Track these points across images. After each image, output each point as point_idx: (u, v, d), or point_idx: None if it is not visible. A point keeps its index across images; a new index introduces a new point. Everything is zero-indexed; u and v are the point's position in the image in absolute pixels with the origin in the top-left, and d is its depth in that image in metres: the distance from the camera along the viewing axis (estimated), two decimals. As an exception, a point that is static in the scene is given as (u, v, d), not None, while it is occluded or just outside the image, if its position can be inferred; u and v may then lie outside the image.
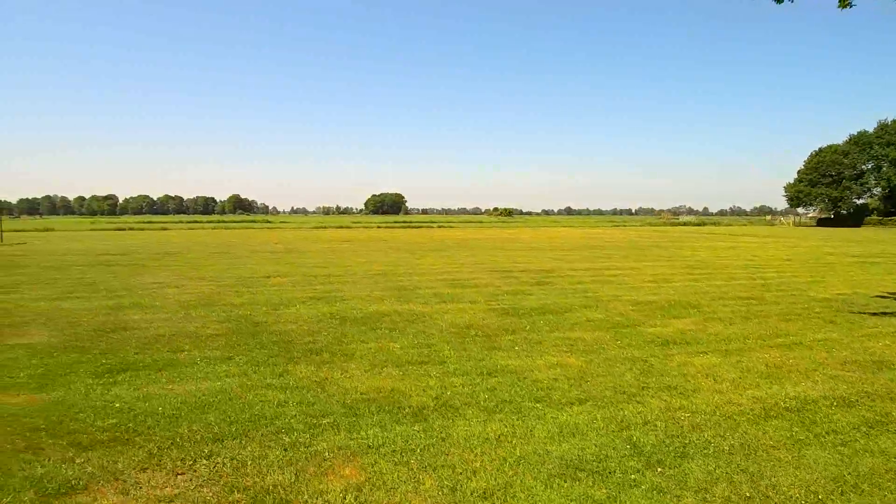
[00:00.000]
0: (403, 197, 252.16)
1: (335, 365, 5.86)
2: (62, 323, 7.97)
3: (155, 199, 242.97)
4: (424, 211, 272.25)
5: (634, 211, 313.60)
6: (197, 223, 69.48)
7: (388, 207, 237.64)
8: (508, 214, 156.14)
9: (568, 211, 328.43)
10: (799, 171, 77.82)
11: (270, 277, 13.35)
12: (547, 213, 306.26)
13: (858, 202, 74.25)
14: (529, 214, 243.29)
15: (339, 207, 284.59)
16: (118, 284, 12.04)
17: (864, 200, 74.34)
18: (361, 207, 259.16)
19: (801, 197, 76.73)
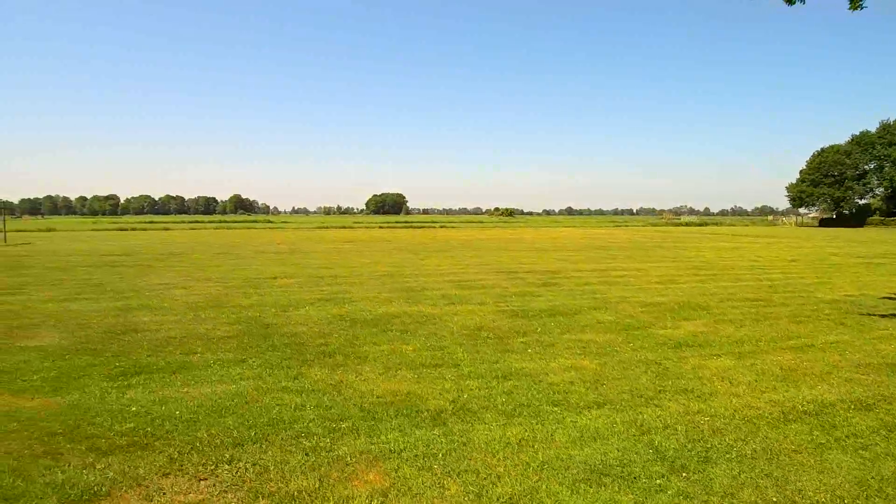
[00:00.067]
0: (405, 197, 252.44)
1: (349, 367, 5.85)
2: (72, 325, 7.96)
3: (156, 199, 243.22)
4: (425, 211, 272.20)
5: (636, 211, 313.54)
6: (199, 223, 69.48)
7: (389, 207, 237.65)
8: (510, 214, 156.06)
9: (569, 211, 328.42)
10: (801, 171, 77.80)
11: (277, 278, 13.34)
12: (548, 213, 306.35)
13: (861, 202, 74.25)
14: (530, 214, 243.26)
15: (340, 207, 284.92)
16: (125, 285, 12.04)
17: (866, 201, 74.34)
18: (362, 207, 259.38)
19: (803, 197, 76.69)
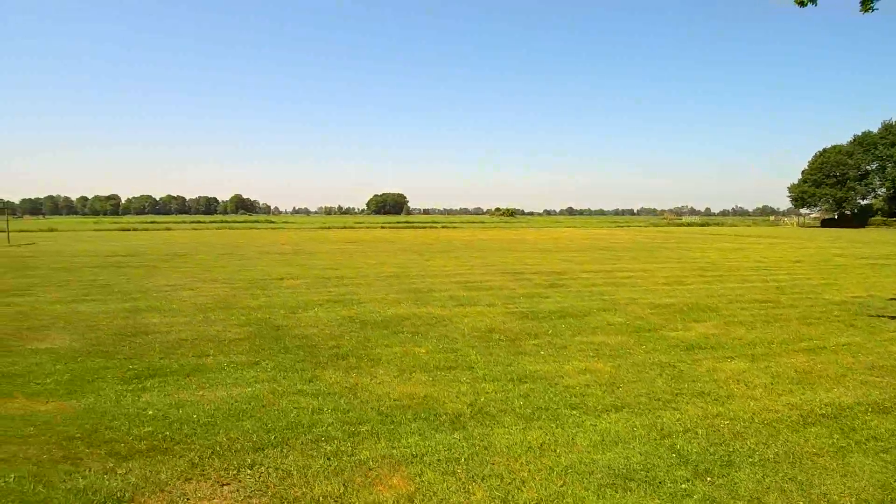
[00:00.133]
0: (405, 197, 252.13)
1: (363, 370, 5.83)
2: (81, 327, 7.94)
3: (157, 199, 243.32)
4: (426, 211, 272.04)
5: (636, 211, 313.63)
6: (200, 223, 69.44)
7: (390, 207, 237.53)
8: (511, 215, 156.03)
9: (569, 211, 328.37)
10: (803, 171, 77.71)
11: (283, 279, 13.32)
12: (549, 213, 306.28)
13: (863, 203, 74.18)
14: (531, 215, 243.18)
15: (340, 207, 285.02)
16: (132, 287, 12.02)
17: (868, 201, 74.28)
18: (363, 207, 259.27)
19: (805, 197, 76.61)
